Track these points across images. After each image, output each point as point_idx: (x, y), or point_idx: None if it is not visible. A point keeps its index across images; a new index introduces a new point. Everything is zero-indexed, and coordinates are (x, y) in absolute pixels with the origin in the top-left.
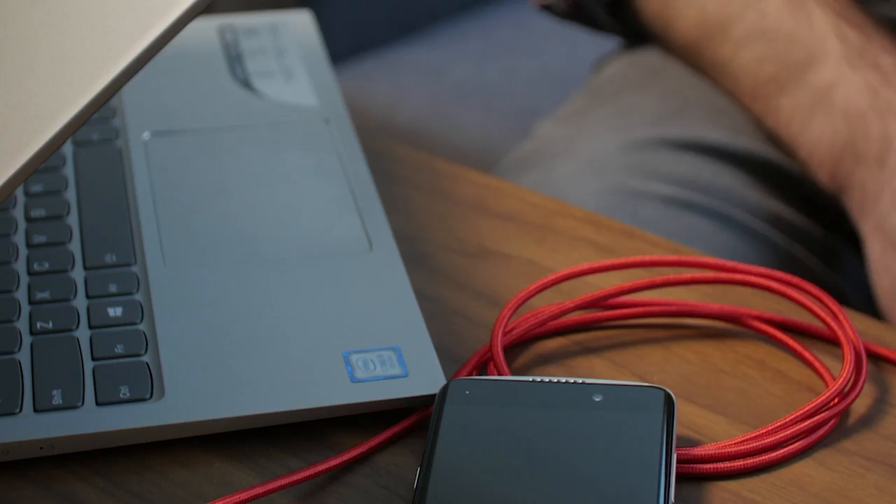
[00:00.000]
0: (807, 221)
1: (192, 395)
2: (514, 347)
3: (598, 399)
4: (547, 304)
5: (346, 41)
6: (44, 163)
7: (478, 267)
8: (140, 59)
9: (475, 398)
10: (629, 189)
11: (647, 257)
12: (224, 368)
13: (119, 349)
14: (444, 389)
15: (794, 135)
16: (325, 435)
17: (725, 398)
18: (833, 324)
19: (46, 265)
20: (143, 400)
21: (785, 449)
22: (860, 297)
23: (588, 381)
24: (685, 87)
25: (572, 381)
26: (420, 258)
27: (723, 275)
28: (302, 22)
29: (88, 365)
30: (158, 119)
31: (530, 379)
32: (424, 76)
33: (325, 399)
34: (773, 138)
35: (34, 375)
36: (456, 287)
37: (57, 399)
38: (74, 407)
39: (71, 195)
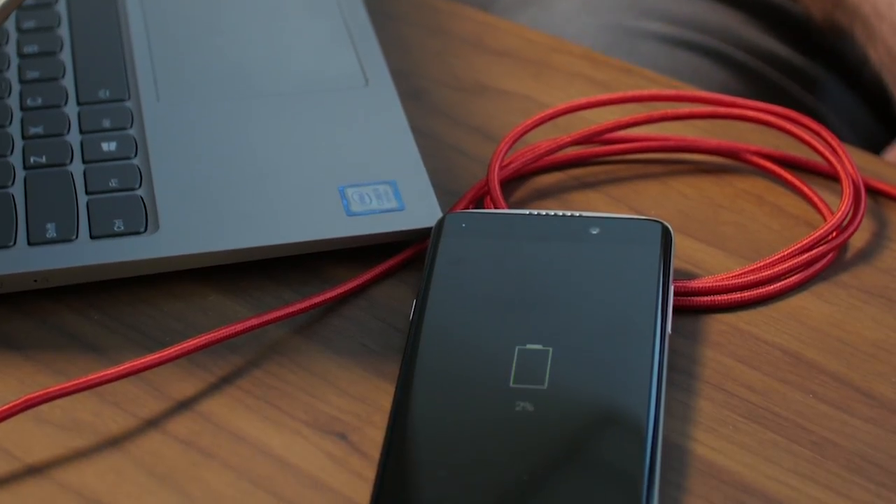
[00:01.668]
0: (803, 60)
1: (187, 228)
2: (511, 182)
3: (594, 232)
4: (544, 139)
5: None
6: None
7: (474, 103)
8: None
9: (471, 231)
10: (625, 27)
11: (645, 91)
12: (219, 202)
13: (113, 183)
14: (441, 222)
15: None
16: (320, 269)
17: (723, 232)
18: (832, 158)
19: (39, 101)
20: (137, 233)
21: (782, 282)
22: (856, 136)
23: (585, 213)
24: None
25: (569, 213)
26: (416, 94)
27: (721, 109)
28: None
29: (82, 199)
30: None
31: (527, 212)
32: None
33: (320, 232)
34: None
35: (28, 209)
36: (452, 123)
37: (51, 232)
38: (68, 240)
39: (64, 31)
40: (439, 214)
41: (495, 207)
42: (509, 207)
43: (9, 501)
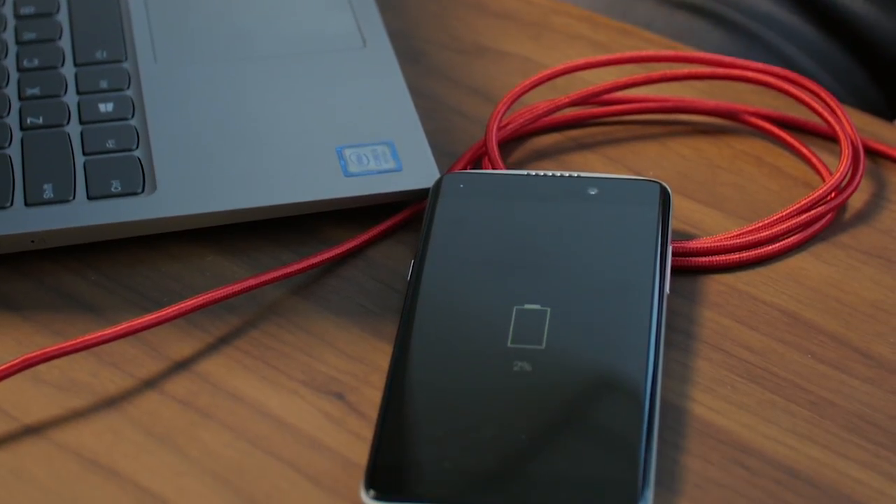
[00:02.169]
0: (799, 22)
1: (184, 189)
2: (509, 143)
3: (593, 192)
4: (542, 100)
5: None
6: None
7: (473, 64)
8: None
9: (469, 191)
10: None
11: (643, 52)
12: (216, 163)
13: (110, 144)
14: (438, 183)
15: None
16: (318, 229)
17: (722, 193)
18: (831, 119)
19: (36, 62)
20: (134, 194)
21: (781, 242)
22: (855, 99)
23: (583, 174)
24: None
25: (567, 174)
26: (414, 55)
27: (720, 70)
28: None
29: (80, 160)
30: None
31: (524, 172)
32: None
33: (318, 193)
34: None
35: (25, 170)
36: (450, 84)
37: (48, 193)
38: (66, 201)
39: None
40: (437, 175)
41: (493, 168)
42: (507, 168)
43: (7, 461)
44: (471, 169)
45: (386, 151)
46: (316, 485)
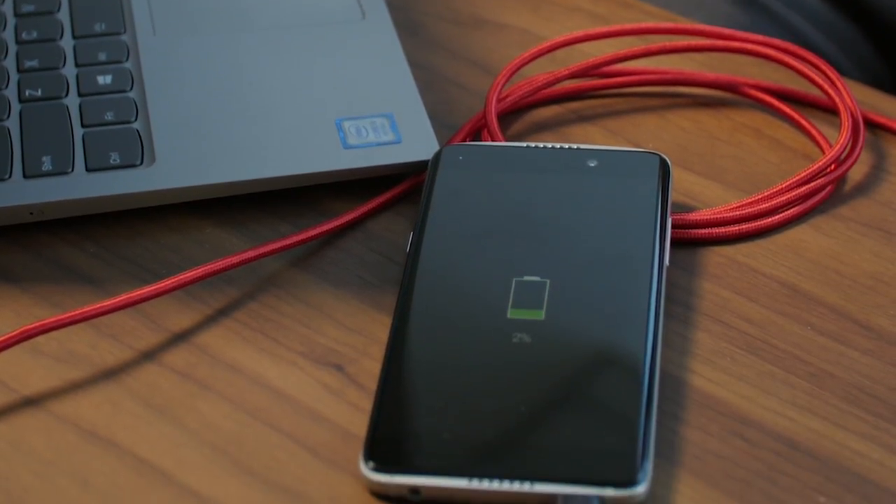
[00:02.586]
0: None
1: (184, 161)
2: (509, 115)
3: (592, 164)
4: (541, 72)
5: None
6: None
7: (472, 36)
8: None
9: (468, 163)
10: None
11: (643, 24)
12: (215, 135)
13: (109, 116)
14: (438, 155)
15: None
16: (317, 202)
17: (721, 165)
18: (831, 91)
19: (35, 34)
20: (133, 166)
21: (781, 214)
22: (862, 72)
23: (583, 146)
24: None
25: (566, 146)
26: (413, 27)
27: (719, 42)
28: None
29: (78, 132)
30: None
31: (524, 144)
32: None
33: (317, 165)
34: None
35: (23, 142)
36: (449, 56)
37: (47, 165)
38: (64, 173)
39: None
40: (436, 147)
41: (493, 140)
42: (507, 140)
43: (5, 433)
44: (470, 141)
45: (385, 123)
46: (315, 456)
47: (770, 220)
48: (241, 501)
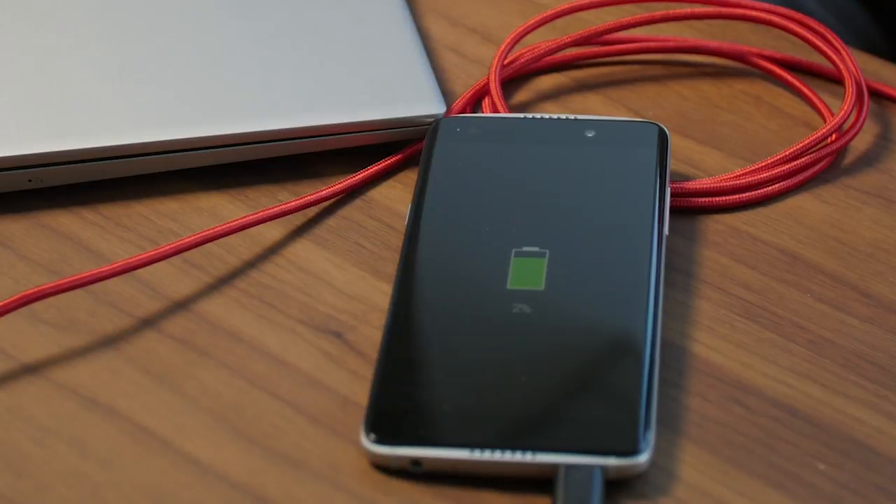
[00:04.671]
0: None
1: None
2: (510, 83)
3: (591, 135)
4: (542, 41)
5: None
6: None
7: (472, 3)
8: None
9: (466, 135)
10: None
11: None
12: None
13: None
14: (435, 126)
15: None
16: (316, 170)
17: (721, 133)
18: (835, 58)
19: None
20: None
21: (781, 183)
22: (857, 41)
23: (580, 116)
24: None
25: (564, 117)
26: None
27: (723, 10)
28: None
29: None
30: None
31: (522, 116)
32: None
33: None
34: None
35: None
36: (449, 23)
37: None
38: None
39: None
40: (443, 109)
41: (494, 108)
42: (509, 108)
43: (4, 400)
44: (471, 109)
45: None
46: (314, 423)
47: (770, 188)
48: (241, 468)
